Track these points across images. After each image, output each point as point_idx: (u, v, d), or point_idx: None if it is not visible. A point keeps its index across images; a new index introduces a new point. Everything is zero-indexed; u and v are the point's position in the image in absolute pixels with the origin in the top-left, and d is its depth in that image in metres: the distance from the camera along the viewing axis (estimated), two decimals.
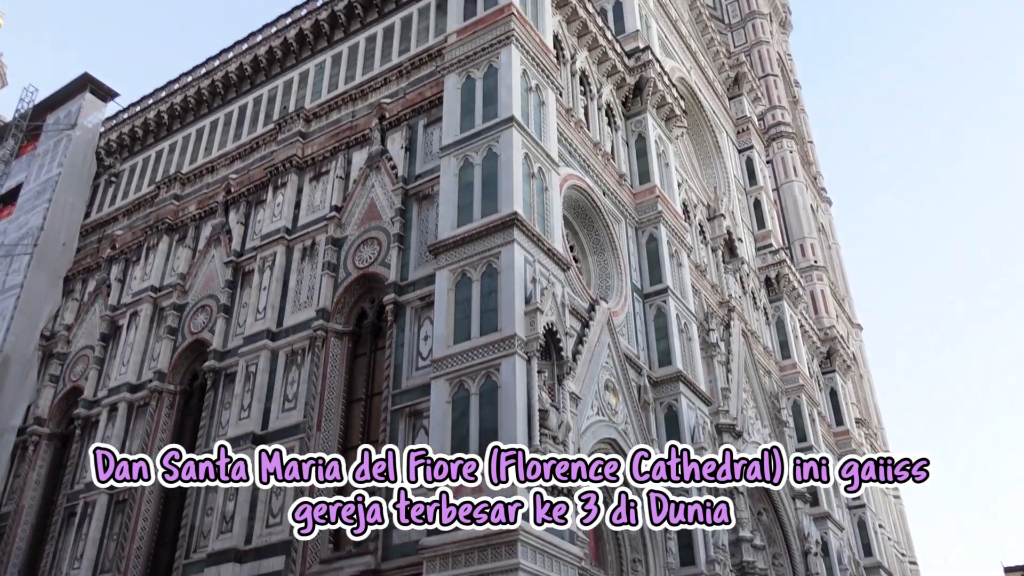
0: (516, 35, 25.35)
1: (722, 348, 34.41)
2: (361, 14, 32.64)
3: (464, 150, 24.00)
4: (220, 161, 34.52)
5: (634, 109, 34.95)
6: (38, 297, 36.42)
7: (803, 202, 64.12)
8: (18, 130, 42.76)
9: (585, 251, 29.62)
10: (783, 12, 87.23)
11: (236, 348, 27.71)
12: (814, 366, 48.28)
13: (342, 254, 27.01)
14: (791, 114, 73.03)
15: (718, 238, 40.26)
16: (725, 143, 48.91)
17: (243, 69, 35.89)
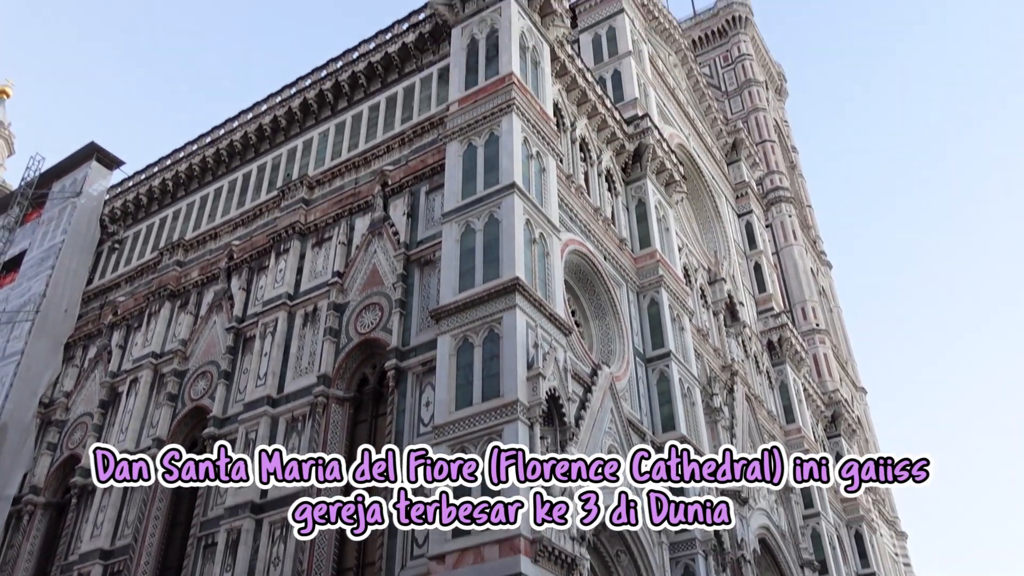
0: (517, 103, 25.79)
1: (726, 413, 34.14)
2: (365, 84, 33.25)
3: (466, 216, 24.20)
4: (223, 228, 34.78)
5: (634, 175, 35.34)
6: (38, 364, 36.28)
7: (803, 265, 64.37)
8: (23, 198, 43.15)
9: (587, 316, 29.61)
10: (778, 80, 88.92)
11: (236, 415, 27.48)
12: (819, 430, 47.82)
13: (344, 320, 27.00)
14: (789, 179, 73.82)
15: (719, 302, 40.30)
16: (724, 208, 49.32)
17: (248, 138, 36.40)
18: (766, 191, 66.64)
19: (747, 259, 49.83)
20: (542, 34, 30.00)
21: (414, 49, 32.13)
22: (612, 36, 41.99)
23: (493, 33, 28.24)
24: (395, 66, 32.55)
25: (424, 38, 31.84)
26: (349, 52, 34.11)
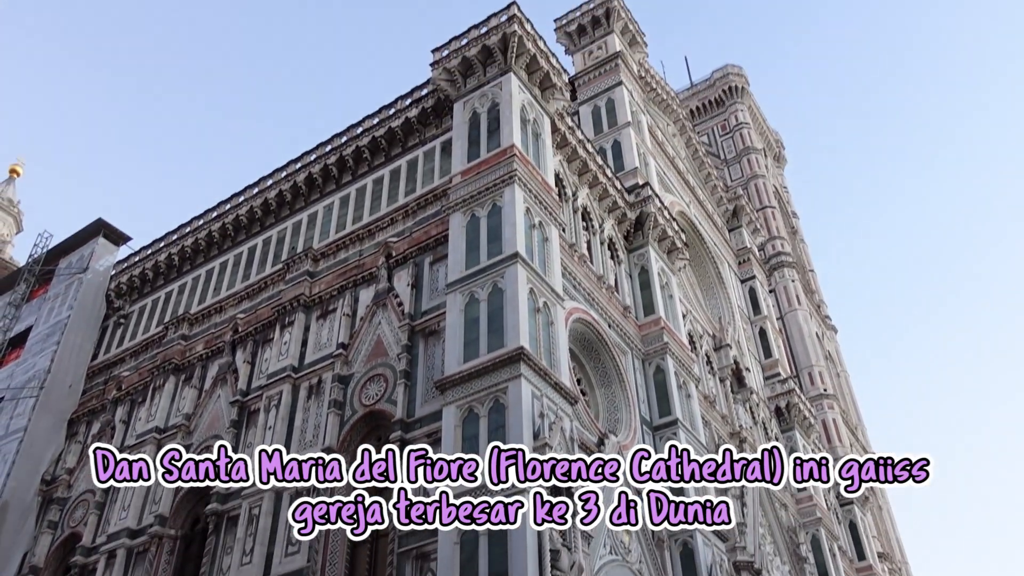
0: (519, 175, 26.15)
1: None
2: (368, 158, 33.76)
3: (470, 286, 24.31)
4: (228, 301, 34.90)
5: (636, 243, 35.58)
6: (41, 441, 35.99)
7: (808, 330, 64.25)
8: (30, 274, 43.44)
9: (592, 384, 29.46)
10: (776, 147, 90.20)
11: (240, 490, 27.14)
12: (831, 498, 47.05)
13: (348, 391, 26.87)
14: (791, 244, 74.27)
15: (725, 368, 40.12)
16: (727, 274, 49.51)
17: (253, 212, 36.79)
18: (768, 256, 66.97)
19: (752, 325, 49.78)
20: (542, 107, 30.61)
21: (417, 123, 32.70)
22: (611, 108, 42.84)
23: (494, 107, 28.85)
24: (398, 140, 33.09)
25: (427, 112, 32.44)
26: (353, 127, 34.71)
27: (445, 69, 30.68)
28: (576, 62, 46.48)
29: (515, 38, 29.45)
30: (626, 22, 47.11)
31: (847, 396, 69.42)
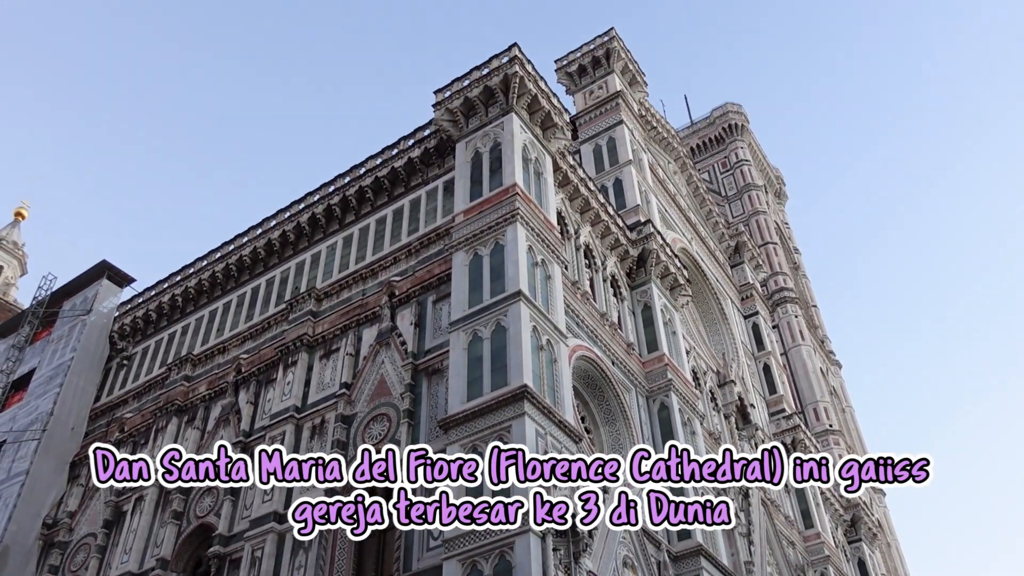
0: (521, 213, 26.30)
1: (742, 519, 33.35)
2: (372, 197, 33.97)
3: (473, 325, 24.33)
4: (231, 341, 34.90)
5: (639, 280, 35.64)
6: (43, 484, 35.74)
7: (812, 366, 64.08)
8: (34, 317, 43.48)
9: (597, 421, 29.32)
10: (777, 183, 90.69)
11: (242, 532, 26.87)
12: (839, 535, 46.54)
13: (351, 431, 26.72)
14: (793, 279, 74.32)
15: (730, 404, 39.94)
16: (730, 310, 49.47)
17: (257, 252, 36.92)
18: (771, 292, 67.03)
19: (756, 360, 49.64)
20: (544, 146, 30.87)
21: (419, 163, 32.96)
22: (612, 146, 43.21)
23: (496, 146, 29.11)
24: (401, 180, 33.33)
25: (429, 153, 32.71)
26: (356, 167, 35.00)
27: (447, 109, 31.01)
28: (577, 102, 46.98)
29: (516, 79, 29.80)
30: (626, 62, 47.68)
31: (853, 432, 68.96)
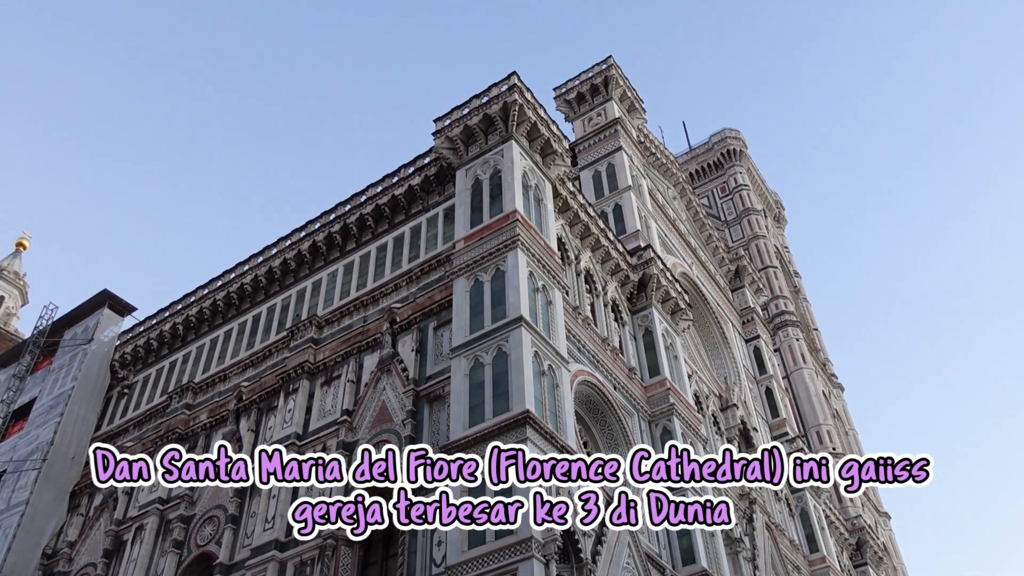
0: (521, 239, 26.42)
1: (747, 543, 33.15)
2: (372, 225, 34.11)
3: (474, 350, 24.35)
4: (232, 369, 34.88)
5: (639, 304, 35.69)
6: (43, 514, 35.56)
7: (815, 389, 63.94)
8: (35, 346, 43.49)
9: (599, 446, 29.22)
10: (776, 208, 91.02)
11: (243, 560, 26.70)
12: (844, 559, 46.23)
13: None
14: (794, 303, 74.35)
15: (733, 428, 39.83)
16: (731, 334, 49.46)
17: (258, 280, 37.02)
18: (772, 316, 67.04)
19: (758, 384, 49.55)
20: (544, 173, 31.06)
21: (420, 191, 33.14)
22: (612, 172, 43.45)
23: (496, 174, 29.29)
24: (402, 207, 33.49)
25: (430, 180, 32.90)
26: (357, 196, 35.18)
27: (447, 137, 31.23)
28: (576, 128, 47.31)
29: (516, 107, 30.05)
30: (624, 89, 48.06)
31: (856, 455, 68.64)
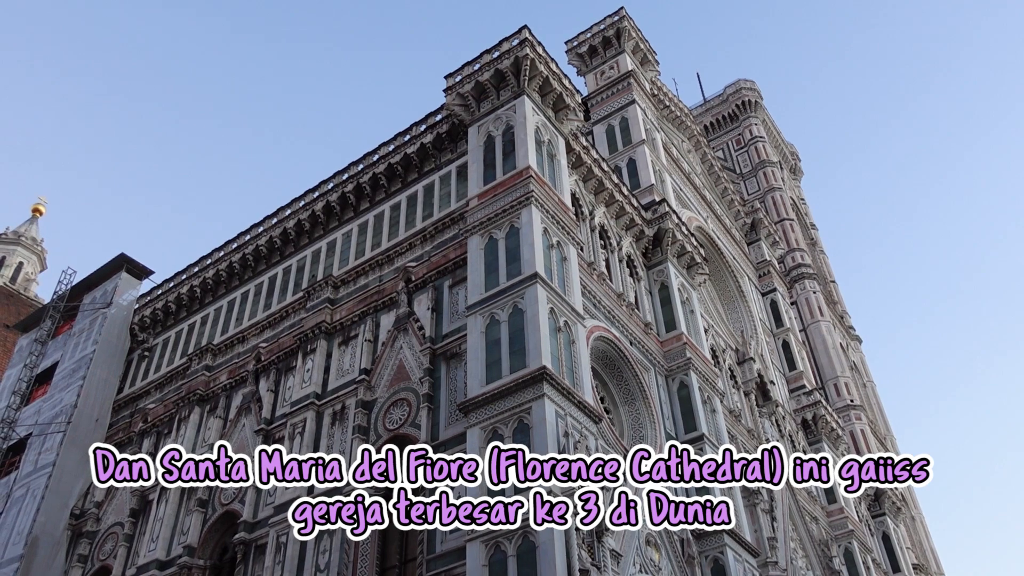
0: (535, 196, 26.25)
1: (764, 495, 33.34)
2: (385, 184, 33.99)
3: (490, 308, 24.36)
4: (251, 331, 35.13)
5: (655, 259, 35.52)
6: (70, 475, 36.22)
7: (832, 341, 63.75)
8: (55, 311, 43.91)
9: (616, 402, 29.35)
10: (792, 159, 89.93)
11: (267, 518, 27.15)
12: (862, 510, 46.44)
13: (372, 417, 26.91)
14: (810, 255, 73.87)
15: (750, 382, 39.85)
16: (748, 287, 49.26)
17: (273, 242, 37.10)
18: (788, 269, 66.65)
19: (774, 337, 49.45)
20: (557, 128, 30.75)
21: (432, 149, 32.93)
22: (625, 126, 42.95)
23: (509, 129, 29.02)
24: (414, 166, 33.32)
25: (442, 138, 32.67)
26: (369, 155, 35.01)
27: (459, 94, 30.93)
28: (588, 82, 46.70)
29: (527, 61, 29.67)
30: (637, 41, 47.31)
31: (874, 406, 68.68)
